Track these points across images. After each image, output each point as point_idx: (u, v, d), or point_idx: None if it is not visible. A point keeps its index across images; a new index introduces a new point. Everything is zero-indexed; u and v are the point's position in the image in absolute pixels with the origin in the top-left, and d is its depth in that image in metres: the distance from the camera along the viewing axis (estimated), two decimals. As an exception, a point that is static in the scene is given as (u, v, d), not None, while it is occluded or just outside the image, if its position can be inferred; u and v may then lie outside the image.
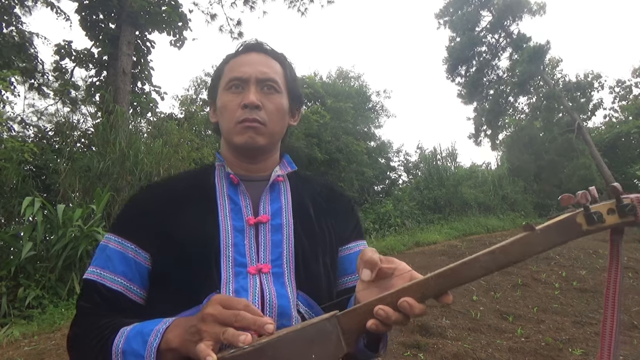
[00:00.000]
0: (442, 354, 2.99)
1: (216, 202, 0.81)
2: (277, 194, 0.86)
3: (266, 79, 0.83)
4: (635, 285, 5.19)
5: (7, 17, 8.24)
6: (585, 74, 17.88)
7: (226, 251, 0.75)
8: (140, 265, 0.76)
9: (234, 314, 0.55)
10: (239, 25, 10.68)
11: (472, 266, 0.53)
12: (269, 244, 0.79)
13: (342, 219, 0.92)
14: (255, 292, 0.73)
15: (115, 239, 0.78)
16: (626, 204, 0.50)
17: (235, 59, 0.86)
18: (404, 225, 10.53)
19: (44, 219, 4.69)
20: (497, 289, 4.85)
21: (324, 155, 10.63)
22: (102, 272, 0.75)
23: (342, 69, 17.88)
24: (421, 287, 0.54)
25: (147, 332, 0.63)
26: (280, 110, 0.85)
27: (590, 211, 0.51)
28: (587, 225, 0.52)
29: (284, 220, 0.82)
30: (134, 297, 0.76)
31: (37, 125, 8.87)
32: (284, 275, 0.77)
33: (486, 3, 16.64)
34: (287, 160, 0.94)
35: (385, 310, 0.54)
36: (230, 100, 0.82)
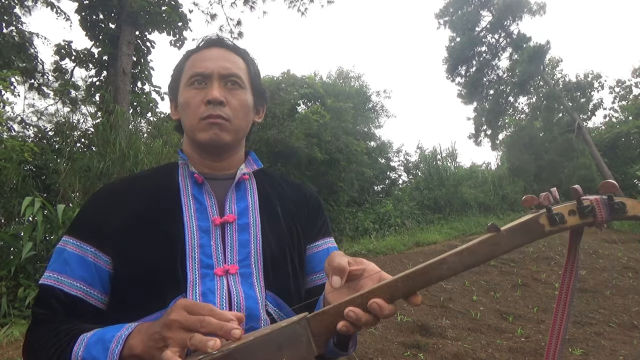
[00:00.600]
0: (442, 354, 2.99)
1: (180, 201, 0.78)
2: (243, 193, 0.84)
3: (229, 75, 0.81)
4: (635, 285, 5.19)
5: (7, 17, 8.24)
6: (585, 74, 17.90)
7: (192, 252, 0.73)
8: (101, 269, 0.73)
9: (199, 320, 0.54)
10: (239, 25, 10.69)
11: (440, 267, 0.54)
12: (236, 244, 0.77)
13: (309, 217, 0.90)
14: (223, 294, 0.71)
15: (73, 241, 0.75)
16: (586, 206, 0.51)
17: (197, 54, 0.84)
18: (404, 225, 10.53)
19: (44, 219, 4.69)
20: (497, 289, 4.85)
21: (324, 155, 10.63)
22: (60, 277, 0.71)
23: (342, 69, 17.89)
24: (390, 288, 0.54)
25: (108, 339, 0.60)
26: (244, 106, 0.83)
27: (552, 212, 0.52)
28: (550, 226, 0.53)
29: (251, 219, 0.80)
30: (95, 302, 0.73)
31: (37, 125, 8.87)
32: (252, 275, 0.76)
33: (486, 3, 16.64)
34: (252, 158, 0.91)
35: (356, 312, 0.54)
36: (193, 97, 0.80)
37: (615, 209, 0.51)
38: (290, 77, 12.11)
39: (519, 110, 18.77)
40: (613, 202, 0.51)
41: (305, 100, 13.50)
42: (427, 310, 4.01)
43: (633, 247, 8.14)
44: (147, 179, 0.84)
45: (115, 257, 0.74)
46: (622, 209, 0.51)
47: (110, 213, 0.76)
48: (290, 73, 12.30)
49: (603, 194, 0.51)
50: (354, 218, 11.38)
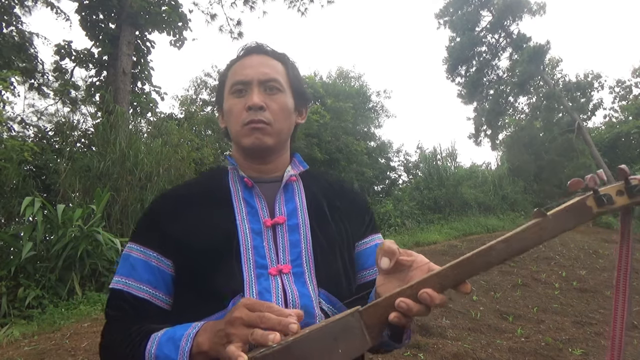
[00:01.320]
0: (442, 354, 2.99)
1: (232, 205, 0.82)
2: (291, 194, 0.87)
3: (268, 80, 0.83)
4: (635, 285, 5.19)
5: (7, 17, 8.24)
6: (585, 74, 17.89)
7: (246, 254, 0.77)
8: (164, 272, 0.79)
9: (259, 316, 0.56)
10: (239, 25, 10.69)
11: (488, 255, 0.55)
12: (287, 244, 0.80)
13: (356, 215, 0.93)
14: (278, 292, 0.74)
15: (138, 247, 0.80)
16: (634, 185, 0.51)
17: (237, 63, 0.87)
18: (404, 225, 10.53)
19: (44, 219, 4.69)
20: (497, 289, 4.85)
21: (324, 155, 10.63)
22: (127, 281, 0.77)
23: (342, 69, 17.89)
24: (440, 278, 0.56)
25: (178, 337, 0.65)
26: (284, 109, 0.85)
27: (599, 194, 0.52)
28: (598, 208, 0.53)
29: (300, 219, 0.83)
30: (160, 303, 0.78)
31: (37, 125, 8.86)
32: (304, 274, 0.78)
33: (486, 3, 16.64)
34: (298, 160, 0.94)
35: (407, 302, 0.55)
36: (235, 104, 0.83)
37: None
38: (290, 77, 12.09)
39: (519, 110, 18.78)
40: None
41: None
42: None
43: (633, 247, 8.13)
44: (199, 185, 0.89)
45: (176, 261, 0.79)
46: None
47: (169, 219, 0.81)
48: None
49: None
50: (354, 218, 11.37)
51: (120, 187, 6.01)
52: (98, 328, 3.57)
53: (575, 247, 7.55)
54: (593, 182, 0.52)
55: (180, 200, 0.85)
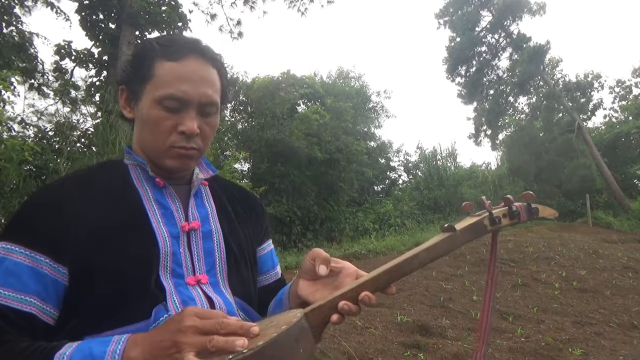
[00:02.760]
0: (442, 354, 2.99)
1: (144, 207, 0.74)
2: (201, 199, 0.83)
3: (208, 103, 0.74)
4: (635, 285, 5.19)
5: (7, 17, 8.24)
6: (585, 74, 17.90)
7: (165, 261, 0.71)
8: (57, 282, 0.66)
9: (217, 322, 0.54)
10: (239, 25, 10.69)
11: (413, 262, 0.64)
12: (202, 252, 0.76)
13: (256, 221, 0.93)
14: (203, 300, 0.71)
15: (22, 250, 0.65)
16: (515, 210, 0.69)
17: (173, 65, 0.72)
18: (404, 225, 10.54)
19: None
20: (497, 289, 4.85)
21: (324, 155, 10.63)
22: (3, 291, 0.62)
23: (342, 69, 17.90)
24: (375, 282, 0.63)
25: (98, 355, 0.56)
26: (214, 130, 0.79)
27: (493, 215, 0.68)
28: (490, 226, 0.68)
29: (213, 226, 0.80)
30: (47, 319, 0.65)
31: (37, 125, 8.86)
32: (219, 284, 0.76)
33: (486, 3, 16.64)
34: (205, 162, 0.88)
35: (349, 305, 0.60)
36: (162, 119, 0.72)
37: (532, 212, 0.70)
38: (290, 77, 12.11)
39: (519, 110, 18.77)
40: (531, 207, 0.70)
41: (305, 100, 13.50)
42: (427, 310, 4.01)
43: (633, 247, 8.14)
44: (96, 181, 0.76)
45: (75, 269, 0.66)
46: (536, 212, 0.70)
47: (64, 219, 0.68)
48: (290, 73, 12.30)
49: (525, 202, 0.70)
50: (354, 218, 11.39)
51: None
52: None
53: (575, 247, 7.55)
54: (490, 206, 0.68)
55: (77, 196, 0.71)
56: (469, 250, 7.12)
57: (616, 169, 15.40)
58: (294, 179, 10.23)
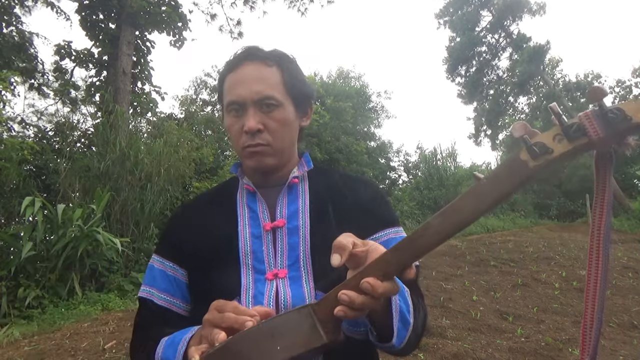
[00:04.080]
0: (442, 354, 2.99)
1: (236, 211, 0.85)
2: (295, 196, 0.86)
3: (262, 98, 0.79)
4: (635, 285, 5.19)
5: (7, 17, 8.24)
6: (585, 74, 17.93)
7: (245, 259, 0.79)
8: (179, 281, 0.84)
9: (221, 316, 0.59)
10: (239, 25, 10.69)
11: (425, 232, 0.50)
12: (286, 247, 0.81)
13: (365, 209, 0.87)
14: (270, 295, 0.76)
15: (158, 259, 0.86)
16: (571, 124, 0.42)
17: (231, 75, 0.83)
18: (403, 225, 10.53)
19: (44, 219, 4.69)
20: (497, 289, 4.85)
21: (324, 155, 10.63)
22: (151, 290, 0.84)
23: (342, 69, 17.89)
24: (381, 264, 0.52)
25: (177, 341, 0.69)
26: (284, 123, 0.82)
27: (529, 143, 0.44)
28: (534, 160, 0.44)
29: (300, 222, 0.83)
30: (179, 310, 0.83)
31: (37, 125, 8.87)
32: (301, 278, 0.78)
33: (486, 3, 16.64)
34: (305, 160, 0.92)
35: (348, 294, 0.52)
36: (232, 125, 0.82)
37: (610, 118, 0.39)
38: (290, 77, 12.10)
39: (519, 110, 18.78)
40: (605, 110, 0.40)
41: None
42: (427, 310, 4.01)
43: (633, 247, 8.14)
44: (210, 196, 0.95)
45: (189, 269, 0.84)
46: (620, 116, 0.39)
47: (183, 230, 0.87)
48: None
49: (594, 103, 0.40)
50: (354, 218, 11.38)
51: (120, 187, 6.01)
52: (98, 328, 3.58)
53: (575, 247, 7.55)
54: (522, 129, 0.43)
55: (193, 210, 0.90)
56: (469, 250, 7.12)
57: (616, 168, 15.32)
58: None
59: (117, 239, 4.88)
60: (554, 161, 0.44)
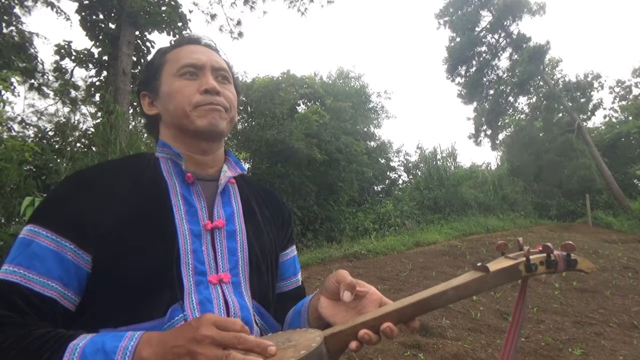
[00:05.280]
0: (442, 354, 2.99)
1: (170, 201, 0.74)
2: (228, 198, 0.82)
3: (220, 68, 0.82)
4: (635, 285, 5.19)
5: (7, 17, 8.24)
6: (585, 74, 17.93)
7: (185, 258, 0.70)
8: (80, 268, 0.66)
9: (235, 337, 0.53)
10: (239, 25, 10.68)
11: (440, 298, 0.62)
12: (226, 251, 0.75)
13: (282, 225, 0.92)
14: (220, 303, 0.70)
15: (48, 234, 0.65)
16: (552, 260, 0.65)
17: (183, 48, 0.83)
18: (404, 225, 10.53)
19: (44, 219, 4.68)
20: (497, 289, 4.85)
21: (324, 156, 10.62)
22: (27, 274, 0.62)
23: (342, 69, 17.88)
24: (399, 314, 0.61)
25: (110, 350, 0.55)
26: (234, 99, 0.84)
27: (530, 262, 0.64)
28: (526, 272, 0.65)
29: (237, 226, 0.79)
30: (67, 304, 0.65)
31: (37, 125, 8.87)
32: (240, 285, 0.75)
33: (486, 3, 16.64)
34: (233, 160, 0.88)
35: (369, 334, 0.58)
36: (185, 86, 0.78)
37: (570, 263, 0.66)
38: (290, 77, 12.11)
39: (519, 110, 18.78)
40: (570, 258, 0.66)
41: (305, 100, 13.50)
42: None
43: (633, 247, 8.14)
44: (127, 170, 0.77)
45: (98, 257, 0.66)
46: (574, 263, 0.66)
47: (94, 206, 0.68)
48: (290, 73, 12.29)
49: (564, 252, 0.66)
50: (354, 218, 11.38)
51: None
52: (98, 328, 3.58)
53: (575, 247, 7.55)
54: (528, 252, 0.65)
55: (107, 183, 0.72)
56: (469, 251, 7.13)
57: (616, 169, 15.40)
58: (294, 179, 10.22)
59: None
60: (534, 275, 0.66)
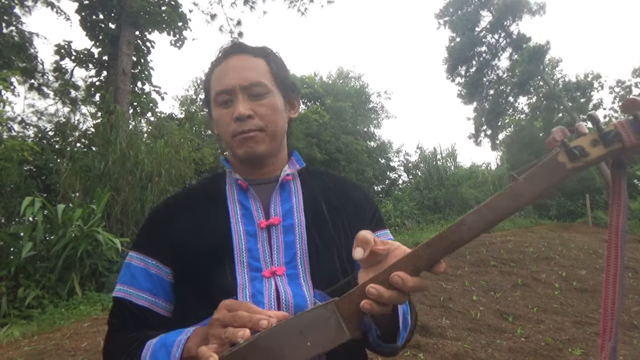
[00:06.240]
0: (442, 354, 2.99)
1: (227, 208, 0.81)
2: (288, 194, 0.85)
3: (250, 85, 0.80)
4: (635, 285, 5.19)
5: (7, 17, 8.24)
6: (585, 74, 17.93)
7: (240, 257, 0.76)
8: (163, 280, 0.79)
9: (232, 315, 0.58)
10: (239, 25, 10.70)
11: (459, 229, 0.51)
12: (282, 245, 0.79)
13: (357, 212, 0.89)
14: (271, 294, 0.74)
15: (138, 256, 0.80)
16: (609, 131, 0.46)
17: (218, 69, 0.84)
18: (404, 225, 10.53)
19: (44, 219, 4.69)
20: (497, 289, 4.85)
21: (324, 156, 10.63)
22: (129, 289, 0.78)
23: (342, 69, 17.89)
24: (412, 259, 0.53)
25: (170, 344, 0.65)
26: (274, 110, 0.82)
27: (570, 147, 0.47)
28: (571, 162, 0.48)
29: (296, 220, 0.81)
30: (161, 311, 0.78)
31: (37, 125, 8.88)
32: (299, 276, 0.77)
33: (486, 3, 16.64)
34: (295, 158, 0.92)
35: (377, 288, 0.53)
36: (222, 115, 0.82)
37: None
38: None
39: (519, 110, 18.79)
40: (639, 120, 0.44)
41: (305, 100, 13.51)
42: (427, 310, 4.00)
43: (633, 247, 8.14)
44: (197, 191, 0.89)
45: (175, 267, 0.79)
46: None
47: (167, 226, 0.81)
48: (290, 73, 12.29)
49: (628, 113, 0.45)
50: (354, 218, 11.39)
51: (121, 187, 6.01)
52: (98, 328, 3.57)
53: (575, 247, 7.55)
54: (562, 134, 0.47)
55: (179, 206, 0.85)
56: (469, 251, 7.13)
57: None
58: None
59: (117, 239, 4.89)
60: (590, 163, 0.48)
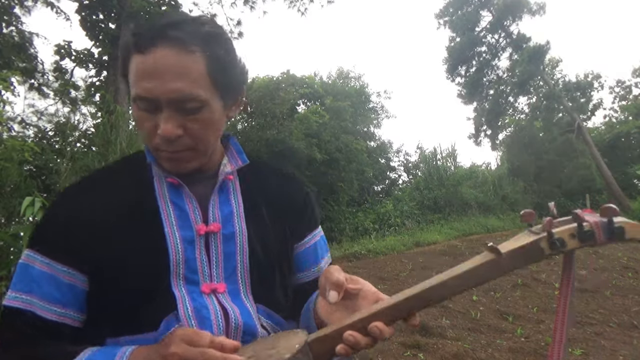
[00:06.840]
0: (442, 354, 2.99)
1: (158, 207, 0.69)
2: (227, 195, 0.75)
3: (180, 99, 0.61)
4: (635, 285, 5.19)
5: (7, 17, 8.25)
6: (585, 74, 17.96)
7: (177, 269, 0.66)
8: (76, 288, 0.66)
9: (200, 352, 0.52)
10: (239, 25, 10.69)
11: (441, 289, 0.54)
12: (221, 257, 0.70)
13: (297, 212, 0.83)
14: (217, 310, 0.67)
15: (42, 259, 0.65)
16: (587, 230, 0.52)
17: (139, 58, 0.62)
18: (404, 225, 10.53)
19: (44, 219, 4.69)
20: (497, 289, 4.85)
21: (324, 156, 10.63)
22: (31, 299, 0.63)
23: (342, 69, 17.89)
24: (392, 311, 0.54)
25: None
26: (209, 124, 0.66)
27: (554, 238, 0.52)
28: (550, 250, 0.53)
29: (237, 227, 0.73)
30: (72, 322, 0.66)
31: (37, 125, 8.89)
32: (240, 292, 0.71)
33: (486, 3, 16.65)
34: (236, 149, 0.79)
35: (355, 335, 0.53)
36: (143, 120, 0.65)
37: (614, 232, 0.51)
38: (290, 77, 12.12)
39: (519, 110, 18.79)
40: (612, 226, 0.51)
41: (305, 100, 13.51)
42: (427, 310, 4.01)
43: (633, 247, 8.14)
44: (117, 180, 0.73)
45: (93, 275, 0.66)
46: (620, 232, 0.51)
47: (81, 225, 0.66)
48: (290, 73, 12.32)
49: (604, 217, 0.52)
50: (354, 218, 11.39)
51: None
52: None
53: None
54: (549, 225, 0.52)
55: (94, 197, 0.69)
56: (469, 250, 7.13)
57: (616, 169, 15.40)
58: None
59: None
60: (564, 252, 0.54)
